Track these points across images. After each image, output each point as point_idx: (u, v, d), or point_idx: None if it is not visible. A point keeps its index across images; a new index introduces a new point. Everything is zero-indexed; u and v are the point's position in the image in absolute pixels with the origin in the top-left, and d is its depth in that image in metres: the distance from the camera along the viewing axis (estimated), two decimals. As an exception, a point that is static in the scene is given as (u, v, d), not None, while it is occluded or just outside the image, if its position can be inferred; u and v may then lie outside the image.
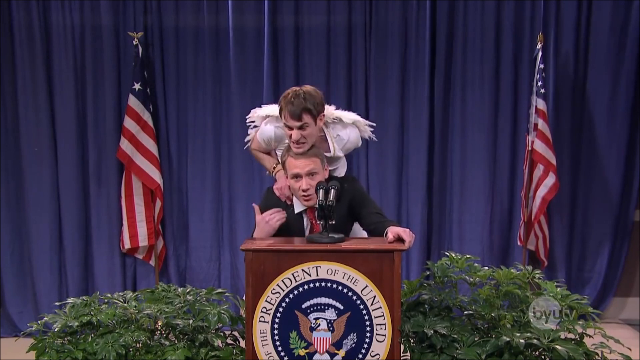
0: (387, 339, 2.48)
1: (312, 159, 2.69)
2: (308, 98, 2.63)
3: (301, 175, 2.68)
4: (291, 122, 2.63)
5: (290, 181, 2.73)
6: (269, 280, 2.47)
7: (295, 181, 2.70)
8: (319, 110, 2.69)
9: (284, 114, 2.66)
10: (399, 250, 2.47)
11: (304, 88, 2.69)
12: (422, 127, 4.71)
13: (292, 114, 2.61)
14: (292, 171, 2.70)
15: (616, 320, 4.89)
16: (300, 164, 2.68)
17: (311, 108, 2.63)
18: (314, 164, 2.69)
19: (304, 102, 2.62)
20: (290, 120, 2.63)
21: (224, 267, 4.77)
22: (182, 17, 4.65)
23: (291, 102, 2.62)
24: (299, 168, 2.68)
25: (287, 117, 2.63)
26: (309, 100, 2.63)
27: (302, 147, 2.68)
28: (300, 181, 2.69)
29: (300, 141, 2.66)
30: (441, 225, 4.83)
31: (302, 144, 2.67)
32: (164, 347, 2.60)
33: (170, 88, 4.71)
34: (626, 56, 4.66)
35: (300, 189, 2.68)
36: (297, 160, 2.69)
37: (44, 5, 4.54)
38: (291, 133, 2.65)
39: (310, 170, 2.68)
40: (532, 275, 2.88)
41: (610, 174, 4.75)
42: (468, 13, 4.66)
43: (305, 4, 4.65)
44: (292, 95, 2.65)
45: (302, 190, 2.68)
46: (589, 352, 2.57)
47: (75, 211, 4.66)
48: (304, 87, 2.70)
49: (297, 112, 2.61)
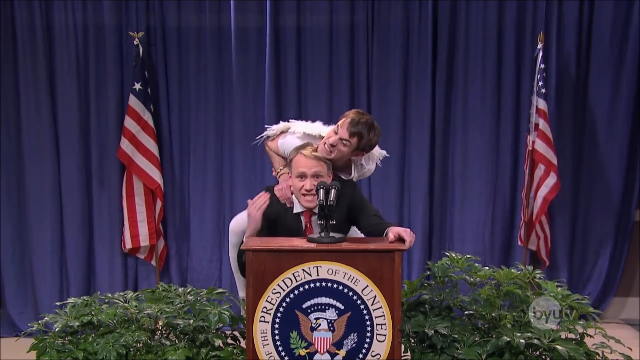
0: (388, 339, 2.48)
1: (320, 162, 2.75)
2: (372, 134, 2.77)
3: (307, 176, 2.72)
4: (341, 132, 2.73)
5: (295, 180, 2.75)
6: (269, 280, 2.47)
7: (300, 180, 2.73)
8: (366, 149, 2.82)
9: (344, 121, 2.75)
10: (400, 250, 2.48)
11: (374, 123, 2.80)
12: (423, 127, 4.71)
13: (350, 130, 2.71)
14: (299, 170, 2.73)
15: (617, 320, 4.88)
16: (309, 164, 2.72)
17: (364, 141, 2.76)
18: (321, 167, 2.74)
19: (367, 132, 2.75)
20: (343, 131, 2.72)
21: (225, 267, 4.77)
22: (184, 16, 4.64)
23: (359, 120, 2.73)
24: (306, 167, 2.72)
25: (344, 126, 2.73)
26: (370, 136, 2.76)
27: (328, 155, 2.76)
28: (304, 181, 2.72)
29: (333, 150, 2.74)
30: (442, 225, 4.82)
31: (330, 153, 2.75)
32: (164, 347, 2.60)
33: (172, 88, 4.71)
34: (627, 56, 4.64)
35: (303, 188, 2.71)
36: (306, 159, 2.73)
37: (46, 5, 4.54)
38: (333, 137, 2.74)
39: (316, 172, 2.72)
40: (532, 275, 2.89)
41: (611, 174, 4.74)
42: (470, 13, 4.65)
43: (307, 4, 4.64)
44: (364, 118, 2.77)
45: (305, 190, 2.69)
46: (589, 352, 2.57)
47: (77, 211, 4.65)
48: (374, 122, 2.81)
49: (354, 131, 2.72)
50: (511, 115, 4.71)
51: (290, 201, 2.81)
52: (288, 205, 2.81)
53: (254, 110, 4.68)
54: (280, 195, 2.83)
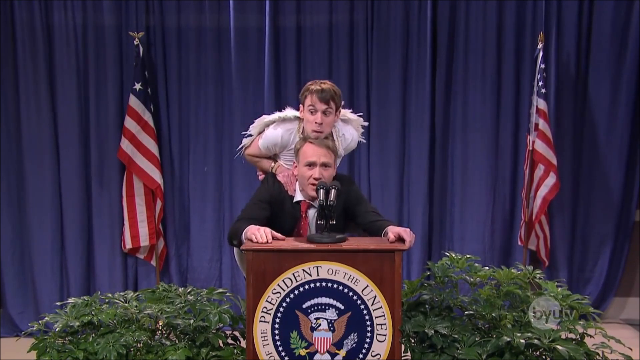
0: (388, 339, 2.48)
1: (330, 152, 2.76)
2: (335, 89, 2.84)
3: (316, 164, 2.72)
4: (318, 105, 2.79)
5: (302, 168, 2.75)
6: (269, 280, 2.47)
7: (309, 169, 2.73)
8: (339, 103, 2.88)
9: (311, 97, 2.80)
10: (400, 250, 2.48)
11: (328, 81, 2.88)
12: (423, 127, 4.71)
13: (322, 97, 2.78)
14: (308, 159, 2.74)
15: (617, 320, 4.88)
16: (318, 152, 2.74)
17: (336, 97, 2.83)
18: (330, 157, 2.75)
19: (333, 90, 2.81)
20: (319, 103, 2.78)
21: (225, 267, 4.77)
22: (184, 16, 4.65)
23: (321, 88, 2.79)
24: (315, 156, 2.73)
25: (315, 100, 2.79)
26: (336, 91, 2.84)
27: (320, 134, 2.79)
28: (313, 169, 2.72)
29: (323, 127, 2.79)
30: (442, 225, 4.83)
31: (322, 131, 2.79)
32: (164, 347, 2.60)
33: (172, 88, 4.72)
34: (627, 56, 4.65)
35: (312, 177, 2.71)
36: (316, 147, 2.75)
37: (46, 5, 4.54)
38: (314, 117, 2.79)
39: (325, 161, 2.73)
40: (532, 275, 2.88)
41: (611, 174, 4.75)
42: (469, 13, 4.66)
43: (306, 4, 4.65)
44: (321, 83, 2.84)
45: (314, 178, 2.69)
46: (589, 352, 2.57)
47: (77, 211, 4.66)
48: (325, 81, 2.88)
49: (326, 97, 2.78)
50: (511, 115, 4.72)
51: (292, 189, 2.82)
52: (290, 193, 2.82)
53: (253, 110, 4.67)
54: (285, 182, 2.85)
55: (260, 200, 2.82)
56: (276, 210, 2.82)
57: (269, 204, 2.81)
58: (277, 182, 2.88)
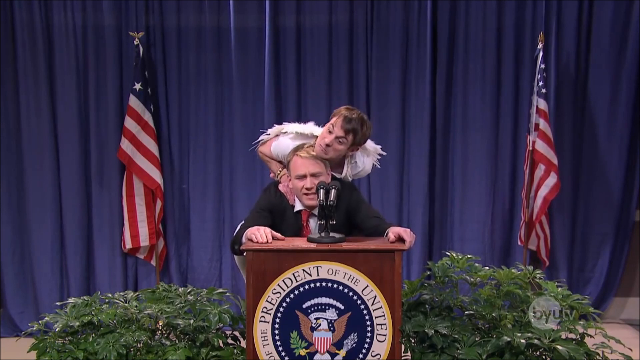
0: (388, 339, 2.48)
1: (318, 162, 2.77)
2: (365, 128, 2.78)
3: (306, 176, 2.73)
4: (337, 130, 2.74)
5: (294, 181, 2.77)
6: (269, 280, 2.47)
7: (299, 180, 2.75)
8: (361, 143, 2.84)
9: (337, 118, 2.76)
10: (400, 250, 2.48)
11: (365, 116, 2.82)
12: (423, 127, 4.71)
13: (343, 125, 2.73)
14: (298, 172, 2.75)
15: (617, 320, 4.88)
16: (306, 164, 2.74)
17: (359, 136, 2.78)
18: (319, 167, 2.76)
19: (361, 127, 2.76)
20: (339, 128, 2.74)
21: (225, 267, 4.77)
22: (184, 17, 4.65)
23: (350, 117, 2.74)
24: (304, 168, 2.74)
25: (338, 123, 2.74)
26: (364, 130, 2.78)
27: (324, 154, 2.77)
28: (304, 180, 2.74)
29: (329, 149, 2.76)
30: (442, 225, 4.82)
31: (327, 153, 2.77)
32: (164, 347, 2.60)
33: (172, 88, 4.71)
34: (627, 56, 4.64)
35: (304, 187, 2.72)
36: (304, 160, 2.75)
37: (46, 5, 4.54)
38: (327, 138, 2.75)
39: (314, 171, 2.74)
40: (532, 275, 2.88)
41: (611, 174, 4.74)
42: (469, 13, 4.65)
43: (306, 4, 4.65)
44: (355, 114, 2.77)
45: (306, 189, 2.71)
46: (589, 352, 2.57)
47: (77, 211, 4.65)
48: (364, 115, 2.83)
49: (348, 128, 2.73)
50: (511, 115, 4.71)
51: (292, 199, 2.83)
52: (291, 202, 2.83)
53: (253, 110, 4.68)
54: (285, 192, 2.85)
55: (262, 209, 2.84)
56: (277, 219, 2.82)
57: (270, 213, 2.82)
58: (279, 191, 2.88)
